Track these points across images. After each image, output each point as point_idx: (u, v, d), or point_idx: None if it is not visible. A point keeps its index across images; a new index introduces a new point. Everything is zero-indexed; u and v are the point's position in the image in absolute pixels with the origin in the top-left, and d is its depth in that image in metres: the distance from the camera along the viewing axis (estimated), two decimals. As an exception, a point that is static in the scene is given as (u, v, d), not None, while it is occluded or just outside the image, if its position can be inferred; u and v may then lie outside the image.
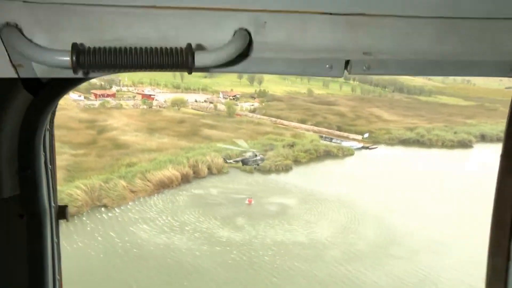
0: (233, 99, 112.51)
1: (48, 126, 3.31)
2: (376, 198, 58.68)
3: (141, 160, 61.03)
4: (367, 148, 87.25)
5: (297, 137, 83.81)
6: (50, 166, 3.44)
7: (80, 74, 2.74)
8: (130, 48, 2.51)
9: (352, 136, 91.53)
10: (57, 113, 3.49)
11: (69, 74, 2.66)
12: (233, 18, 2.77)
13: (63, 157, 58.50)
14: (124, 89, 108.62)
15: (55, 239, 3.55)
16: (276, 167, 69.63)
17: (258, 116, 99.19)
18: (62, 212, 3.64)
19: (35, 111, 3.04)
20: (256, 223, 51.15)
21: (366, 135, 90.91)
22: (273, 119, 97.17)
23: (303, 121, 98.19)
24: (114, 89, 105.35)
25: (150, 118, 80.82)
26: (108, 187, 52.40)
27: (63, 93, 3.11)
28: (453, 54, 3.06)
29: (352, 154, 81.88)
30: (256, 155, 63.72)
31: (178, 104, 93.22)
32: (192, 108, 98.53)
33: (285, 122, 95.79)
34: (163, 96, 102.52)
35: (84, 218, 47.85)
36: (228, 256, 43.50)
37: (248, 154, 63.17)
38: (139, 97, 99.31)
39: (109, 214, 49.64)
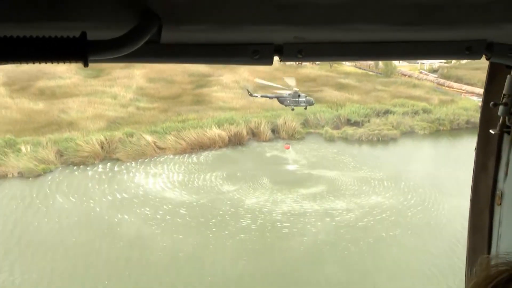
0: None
1: None
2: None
3: (203, 117, 56.76)
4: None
5: (446, 103, 65.13)
6: None
7: None
8: (18, 37, 2.03)
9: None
10: (168, 66, 4.92)
11: None
12: None
13: (127, 110, 59.01)
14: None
15: None
16: (368, 137, 55.77)
17: (433, 77, 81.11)
18: None
19: None
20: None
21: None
22: (442, 81, 77.90)
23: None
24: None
25: (276, 75, 74.28)
26: (130, 140, 50.46)
27: None
28: (402, 36, 2.60)
29: (519, 130, 59.22)
30: (299, 95, 50.30)
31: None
32: (355, 66, 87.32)
33: (455, 85, 75.59)
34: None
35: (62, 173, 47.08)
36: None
37: (287, 92, 50.56)
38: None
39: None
